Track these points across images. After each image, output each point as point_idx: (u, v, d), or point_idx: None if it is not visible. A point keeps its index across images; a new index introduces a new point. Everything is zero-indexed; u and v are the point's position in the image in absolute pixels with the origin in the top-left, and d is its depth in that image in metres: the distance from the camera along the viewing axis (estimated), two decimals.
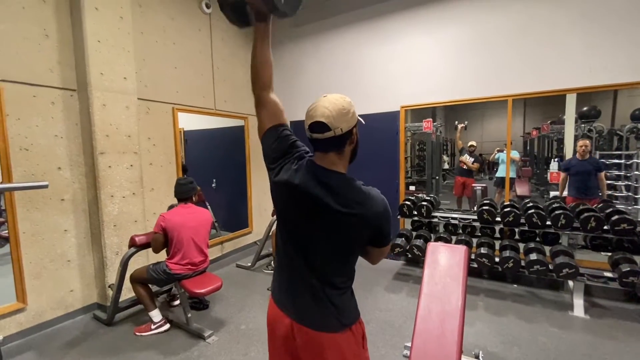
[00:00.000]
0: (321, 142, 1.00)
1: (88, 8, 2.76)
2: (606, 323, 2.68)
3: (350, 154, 1.07)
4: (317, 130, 0.98)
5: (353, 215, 0.99)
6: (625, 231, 2.73)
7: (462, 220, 3.58)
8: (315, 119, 0.97)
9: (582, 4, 3.22)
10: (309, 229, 1.04)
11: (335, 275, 1.07)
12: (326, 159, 1.03)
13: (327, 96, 1.00)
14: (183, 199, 2.75)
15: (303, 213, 1.03)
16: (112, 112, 2.95)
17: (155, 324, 2.69)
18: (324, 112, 0.96)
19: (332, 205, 0.98)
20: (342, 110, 0.97)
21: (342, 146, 1.02)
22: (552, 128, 6.05)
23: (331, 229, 1.00)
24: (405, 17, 4.13)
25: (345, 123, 0.98)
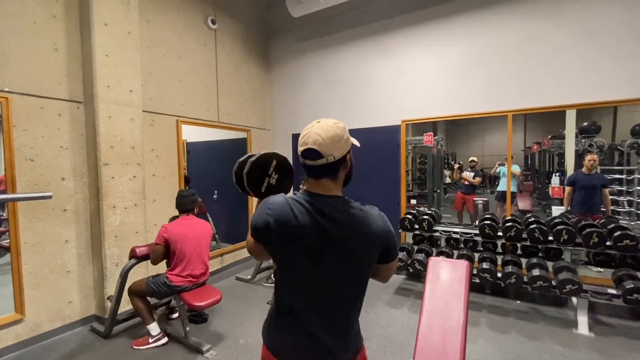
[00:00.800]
0: (314, 168, 0.99)
1: (97, 24, 2.84)
2: (611, 341, 2.63)
3: (344, 179, 1.06)
4: (310, 157, 0.97)
5: (358, 238, 0.98)
6: (628, 247, 2.72)
7: (463, 235, 3.57)
8: (307, 146, 0.97)
9: (581, 22, 3.29)
10: (319, 264, 0.99)
11: (349, 306, 1.04)
12: (320, 186, 1.02)
13: (321, 122, 0.99)
14: (185, 210, 2.76)
15: (309, 249, 0.98)
16: (117, 124, 2.99)
17: (153, 338, 2.66)
18: (316, 140, 0.95)
19: (335, 234, 0.97)
20: (334, 138, 0.96)
21: (336, 172, 1.01)
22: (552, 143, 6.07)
23: (341, 258, 0.98)
24: (407, 34, 4.22)
25: (338, 150, 0.97)
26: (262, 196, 1.22)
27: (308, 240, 0.98)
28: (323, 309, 1.02)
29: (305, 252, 0.99)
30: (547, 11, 3.43)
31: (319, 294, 1.01)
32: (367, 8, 4.42)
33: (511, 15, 3.60)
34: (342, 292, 1.02)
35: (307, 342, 1.02)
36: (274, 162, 1.26)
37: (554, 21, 3.40)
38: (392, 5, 4.26)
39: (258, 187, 1.23)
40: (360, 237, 0.98)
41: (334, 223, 0.98)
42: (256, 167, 1.22)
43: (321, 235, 0.97)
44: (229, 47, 4.57)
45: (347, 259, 0.99)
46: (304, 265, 1.00)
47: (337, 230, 0.97)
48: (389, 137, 4.34)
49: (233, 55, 4.66)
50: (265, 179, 1.24)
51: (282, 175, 1.28)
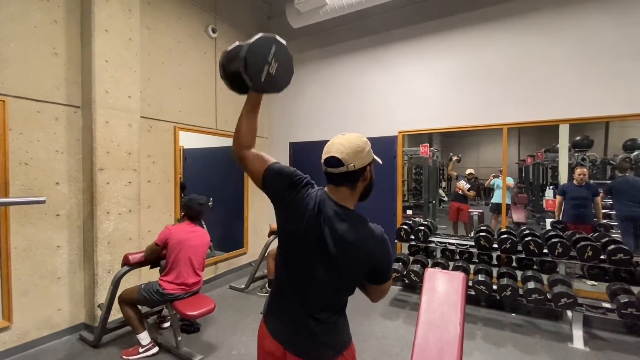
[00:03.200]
0: (334, 176, 1.06)
1: (98, 30, 2.85)
2: (606, 356, 2.63)
3: (362, 191, 1.11)
4: (332, 164, 1.04)
5: (349, 257, 1.03)
6: (622, 261, 2.74)
7: (459, 246, 3.57)
8: (330, 154, 1.04)
9: (575, 39, 3.37)
10: (308, 262, 1.06)
11: (330, 307, 1.10)
12: (338, 193, 1.08)
13: (345, 135, 1.07)
14: (194, 217, 2.73)
15: (305, 246, 1.06)
16: (114, 129, 2.98)
17: (143, 347, 2.59)
18: (339, 149, 1.03)
19: (331, 247, 1.02)
20: (356, 149, 1.04)
21: (355, 182, 1.07)
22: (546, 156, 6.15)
23: (330, 267, 1.04)
24: (403, 47, 4.30)
25: (359, 160, 1.04)
26: (261, 87, 1.08)
27: (308, 240, 1.05)
28: (307, 297, 1.08)
29: (302, 250, 1.07)
30: (542, 27, 3.52)
31: (306, 283, 1.08)
32: (366, 21, 4.50)
33: (506, 31, 3.69)
34: (324, 297, 1.08)
35: (293, 323, 1.09)
36: (273, 47, 1.08)
37: (548, 37, 3.49)
38: (390, 19, 4.34)
39: (257, 76, 1.06)
40: (353, 252, 1.03)
41: (334, 232, 1.03)
42: (255, 51, 1.05)
43: (319, 241, 1.03)
44: None
45: (336, 271, 1.04)
46: (298, 262, 1.09)
47: (334, 240, 1.03)
48: (385, 148, 4.37)
49: None
50: (265, 66, 1.07)
51: (281, 65, 1.11)
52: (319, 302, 1.08)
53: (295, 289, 1.10)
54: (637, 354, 2.64)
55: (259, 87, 1.08)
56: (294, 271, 1.11)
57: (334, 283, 1.06)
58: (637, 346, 2.77)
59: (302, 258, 1.08)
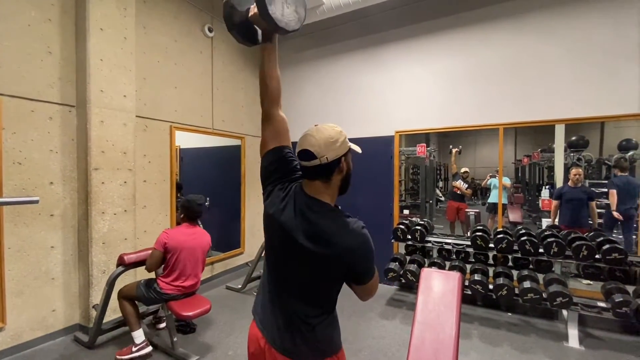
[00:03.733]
0: (308, 169, 1.02)
1: (93, 28, 2.83)
2: (601, 355, 2.64)
3: (340, 184, 1.06)
4: (304, 157, 1.00)
5: (320, 252, 0.98)
6: (617, 260, 2.75)
7: (455, 246, 3.58)
8: (302, 147, 1.01)
9: (570, 40, 3.39)
10: (285, 258, 1.06)
11: (310, 305, 1.05)
12: (312, 187, 1.04)
13: (318, 125, 1.04)
14: (192, 218, 2.70)
15: (281, 242, 1.05)
16: (109, 128, 2.96)
17: (136, 346, 2.56)
18: (311, 141, 0.99)
19: (302, 240, 0.99)
20: (329, 139, 0.99)
21: (329, 175, 1.02)
22: (542, 156, 6.18)
23: (302, 262, 1.02)
24: (400, 48, 4.30)
25: (332, 152, 0.99)
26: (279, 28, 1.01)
27: (284, 235, 1.03)
28: (285, 306, 1.06)
29: (280, 247, 1.07)
30: (537, 28, 3.53)
31: (285, 278, 1.07)
32: (363, 21, 4.49)
33: (502, 32, 3.70)
34: (302, 296, 1.05)
35: (276, 320, 1.07)
36: None
37: (543, 38, 3.50)
38: (386, 19, 4.34)
39: (277, 11, 0.98)
40: (323, 246, 0.98)
41: (307, 225, 1.00)
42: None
43: (293, 235, 1.01)
44: (225, 55, 4.59)
45: (310, 265, 1.01)
46: (277, 260, 1.09)
47: (306, 233, 0.99)
48: (382, 148, 4.37)
49: (229, 63, 4.68)
50: (281, 2, 1.00)
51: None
52: (299, 299, 1.05)
53: (276, 284, 1.09)
54: (632, 353, 2.66)
55: (281, 26, 0.99)
56: (274, 265, 1.10)
57: (311, 279, 1.03)
58: (631, 345, 2.78)
59: (279, 251, 1.08)
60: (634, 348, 2.73)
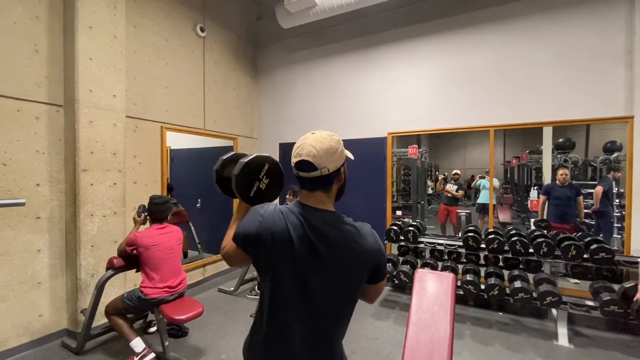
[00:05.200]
0: (307, 180, 0.98)
1: (82, 26, 2.77)
2: (590, 353, 2.70)
3: (337, 192, 1.05)
4: (304, 169, 0.96)
5: (347, 259, 0.95)
6: (604, 260, 2.82)
7: (447, 247, 3.61)
8: (301, 158, 0.95)
9: (556, 44, 3.46)
10: (305, 279, 0.95)
11: (332, 321, 0.99)
12: (313, 198, 1.00)
13: (315, 133, 0.98)
14: (158, 219, 2.62)
15: (298, 266, 0.95)
16: (98, 129, 2.90)
17: (138, 355, 2.46)
18: (311, 151, 0.94)
19: (325, 254, 0.94)
20: (329, 150, 0.95)
21: (329, 185, 1.00)
22: (530, 157, 6.30)
23: (327, 276, 0.95)
24: (393, 49, 4.33)
25: (332, 163, 0.96)
26: (249, 201, 1.14)
27: (297, 256, 0.94)
28: (306, 330, 0.96)
29: (293, 269, 0.95)
30: (526, 32, 3.59)
31: (303, 314, 0.96)
32: (356, 22, 4.51)
33: (492, 35, 3.76)
34: (328, 314, 0.98)
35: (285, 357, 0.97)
36: (266, 165, 1.17)
37: (532, 42, 3.57)
38: (379, 21, 4.37)
39: (247, 191, 1.14)
40: (350, 254, 0.95)
41: (324, 239, 0.95)
42: (248, 170, 1.13)
43: (310, 252, 0.94)
44: (218, 55, 4.55)
45: (336, 278, 0.95)
46: (291, 283, 0.96)
47: (327, 247, 0.94)
48: (375, 149, 4.39)
49: (221, 63, 4.64)
50: (255, 183, 1.15)
51: (272, 181, 1.19)
52: (323, 317, 0.97)
53: (290, 311, 0.96)
54: (619, 350, 2.72)
55: (247, 201, 1.15)
56: (286, 299, 0.97)
57: (336, 291, 0.96)
58: (618, 342, 2.85)
59: (294, 280, 0.95)
60: (621, 345, 2.80)
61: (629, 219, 3.18)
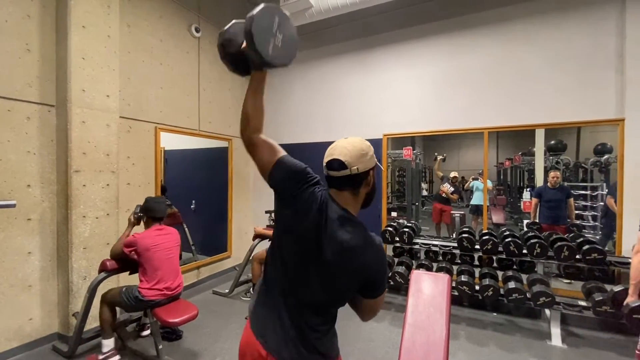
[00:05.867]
0: (337, 179, 1.03)
1: (75, 25, 2.73)
2: (583, 352, 2.73)
3: (364, 197, 1.08)
4: (334, 167, 1.02)
5: (344, 266, 0.99)
6: (596, 260, 2.85)
7: (442, 248, 3.63)
8: (333, 157, 1.02)
9: (549, 48, 3.51)
10: (303, 264, 1.02)
11: (321, 315, 1.05)
12: (340, 197, 1.04)
13: (348, 138, 1.06)
14: (157, 218, 2.61)
15: (303, 247, 1.01)
16: (91, 129, 2.86)
17: (103, 354, 2.48)
18: (343, 151, 1.02)
19: (327, 252, 0.99)
20: (360, 152, 1.02)
21: (357, 186, 1.04)
22: (523, 159, 6.37)
23: (323, 271, 1.00)
24: (388, 51, 4.35)
25: (362, 164, 1.02)
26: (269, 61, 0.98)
27: (307, 234, 1.00)
28: (297, 301, 1.03)
29: (299, 243, 1.01)
30: (520, 36, 3.64)
31: (298, 286, 1.03)
32: (352, 24, 4.53)
33: (486, 39, 3.80)
34: (317, 297, 1.03)
35: (280, 326, 1.03)
36: (276, 18, 1.01)
37: (525, 46, 3.62)
38: (375, 23, 4.39)
39: (265, 48, 0.97)
40: (350, 259, 0.99)
41: (333, 234, 0.99)
42: (260, 23, 0.97)
43: (317, 239, 0.99)
44: (213, 56, 4.53)
45: (330, 275, 1.00)
46: (293, 254, 1.03)
47: (332, 243, 0.99)
48: None
49: (216, 64, 4.61)
50: (271, 39, 0.99)
51: (286, 37, 1.03)
52: (310, 307, 1.03)
53: (286, 290, 1.04)
54: (611, 350, 2.76)
55: (267, 60, 0.98)
56: (286, 272, 1.05)
57: (326, 289, 1.02)
58: (611, 342, 2.89)
59: (297, 259, 1.03)
60: (613, 345, 2.84)
61: (620, 219, 3.23)
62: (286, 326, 1.02)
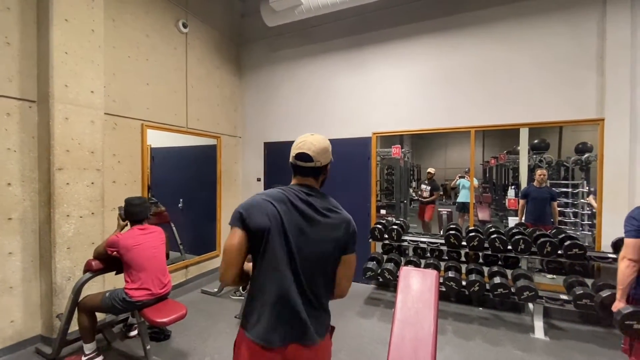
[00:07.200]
0: (303, 169, 1.27)
1: (57, 19, 2.65)
2: (564, 345, 2.83)
3: (320, 182, 1.34)
4: (303, 159, 1.24)
5: (334, 219, 1.23)
6: (577, 256, 2.95)
7: (430, 244, 3.69)
8: (302, 150, 1.24)
9: (533, 49, 3.59)
10: (304, 244, 1.19)
11: (324, 286, 1.25)
12: (306, 181, 1.29)
13: (314, 135, 1.28)
14: (137, 220, 2.55)
15: (298, 231, 1.19)
16: (75, 126, 2.79)
17: (86, 356, 2.45)
18: (310, 147, 1.23)
19: (316, 216, 1.21)
20: (324, 149, 1.26)
21: (318, 175, 1.30)
22: (508, 158, 6.51)
23: (319, 234, 1.20)
24: (377, 50, 4.37)
25: (324, 159, 1.27)
26: None
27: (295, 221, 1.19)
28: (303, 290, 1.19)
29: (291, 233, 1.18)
30: (505, 37, 3.71)
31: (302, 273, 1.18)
32: (341, 22, 4.53)
33: (472, 39, 3.86)
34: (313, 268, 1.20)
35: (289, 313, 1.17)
36: None
37: (509, 46, 3.69)
38: (364, 21, 4.40)
39: None
40: (328, 217, 1.22)
41: (310, 205, 1.22)
42: None
43: (304, 216, 1.20)
44: (201, 52, 4.47)
45: (317, 236, 1.20)
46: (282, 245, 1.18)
47: (311, 210, 1.21)
48: (360, 149, 4.43)
49: (204, 61, 4.55)
50: None
51: None
52: (319, 278, 1.21)
53: (291, 283, 1.17)
54: (591, 342, 2.87)
55: None
56: (285, 266, 1.17)
57: (327, 250, 1.21)
58: (591, 334, 3.00)
59: (291, 249, 1.17)
60: (593, 337, 2.95)
61: (599, 216, 3.34)
62: (299, 311, 1.16)
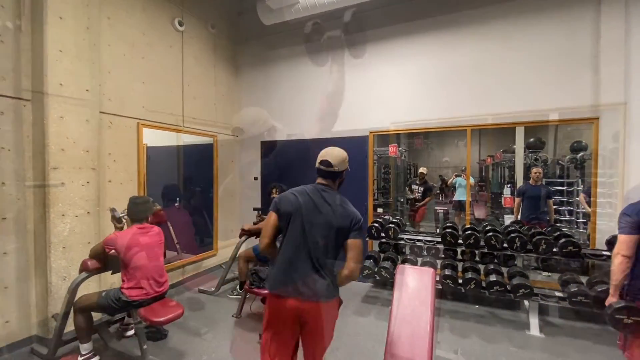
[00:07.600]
0: (324, 172, 1.73)
1: (52, 16, 2.63)
2: (559, 341, 2.85)
3: (338, 184, 1.80)
4: (325, 165, 1.72)
5: (340, 212, 1.65)
6: (572, 253, 2.98)
7: (427, 243, 3.70)
8: (325, 158, 1.72)
9: (528, 48, 3.60)
10: (313, 225, 1.62)
11: (329, 254, 1.63)
12: (325, 182, 1.75)
13: (335, 148, 1.76)
14: (139, 219, 2.54)
15: (310, 215, 1.63)
16: (70, 125, 2.77)
17: (82, 356, 2.43)
18: (332, 156, 1.73)
19: (326, 205, 1.66)
20: (342, 158, 1.75)
21: (335, 179, 1.77)
22: (504, 156, 6.55)
23: (328, 221, 1.63)
24: (375, 49, 4.37)
25: (341, 166, 1.74)
26: None
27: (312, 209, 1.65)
28: (310, 255, 1.61)
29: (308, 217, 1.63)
30: (501, 37, 3.73)
31: (311, 245, 1.61)
32: (337, 21, 4.52)
33: (469, 37, 3.87)
34: (325, 244, 1.62)
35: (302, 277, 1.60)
36: None
37: (505, 45, 3.71)
38: (361, 20, 4.40)
39: None
40: (337, 211, 1.65)
41: (324, 201, 1.67)
42: None
43: (314, 207, 1.65)
44: (197, 50, 4.44)
45: (328, 223, 1.63)
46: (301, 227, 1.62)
47: (326, 205, 1.65)
48: (357, 148, 4.43)
49: (201, 59, 4.53)
50: None
51: None
52: (323, 248, 1.61)
53: (305, 247, 1.60)
54: (586, 338, 2.90)
55: None
56: (299, 240, 1.61)
57: (331, 233, 1.61)
58: (585, 331, 3.03)
59: (304, 228, 1.61)
60: (588, 333, 2.98)
61: (594, 215, 3.37)
62: (309, 273, 1.59)
